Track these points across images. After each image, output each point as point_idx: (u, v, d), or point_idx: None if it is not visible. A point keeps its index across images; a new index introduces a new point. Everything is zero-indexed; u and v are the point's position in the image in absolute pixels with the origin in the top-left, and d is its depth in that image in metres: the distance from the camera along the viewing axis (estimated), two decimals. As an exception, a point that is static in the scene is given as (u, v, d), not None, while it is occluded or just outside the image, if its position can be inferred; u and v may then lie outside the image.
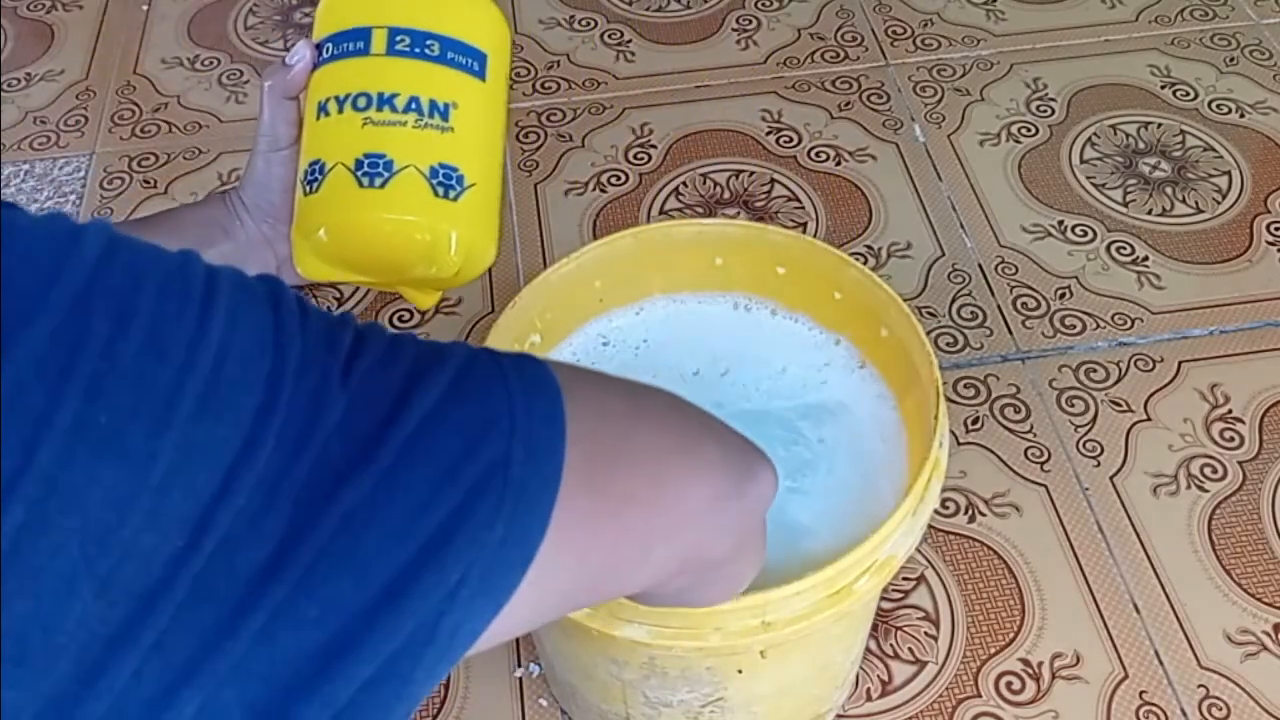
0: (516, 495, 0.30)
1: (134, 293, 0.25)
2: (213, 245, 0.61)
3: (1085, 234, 1.18)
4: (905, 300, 0.73)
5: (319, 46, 0.59)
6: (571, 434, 0.32)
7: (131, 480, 0.24)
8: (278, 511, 0.26)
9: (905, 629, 0.90)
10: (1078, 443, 1.00)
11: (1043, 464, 0.99)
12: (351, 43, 0.57)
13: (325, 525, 0.27)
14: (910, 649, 0.89)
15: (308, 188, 0.57)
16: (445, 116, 0.56)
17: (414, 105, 0.56)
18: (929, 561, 0.93)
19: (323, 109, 0.57)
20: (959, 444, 1.01)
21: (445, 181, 0.56)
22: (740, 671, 0.68)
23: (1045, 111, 1.31)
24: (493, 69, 0.59)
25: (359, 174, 0.55)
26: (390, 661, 0.28)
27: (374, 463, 0.28)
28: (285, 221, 0.61)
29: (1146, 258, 1.15)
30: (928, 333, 1.03)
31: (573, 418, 0.32)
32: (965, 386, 1.05)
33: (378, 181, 0.55)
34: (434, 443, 0.29)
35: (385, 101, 0.55)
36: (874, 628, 0.89)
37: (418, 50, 0.56)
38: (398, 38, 0.56)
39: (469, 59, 0.58)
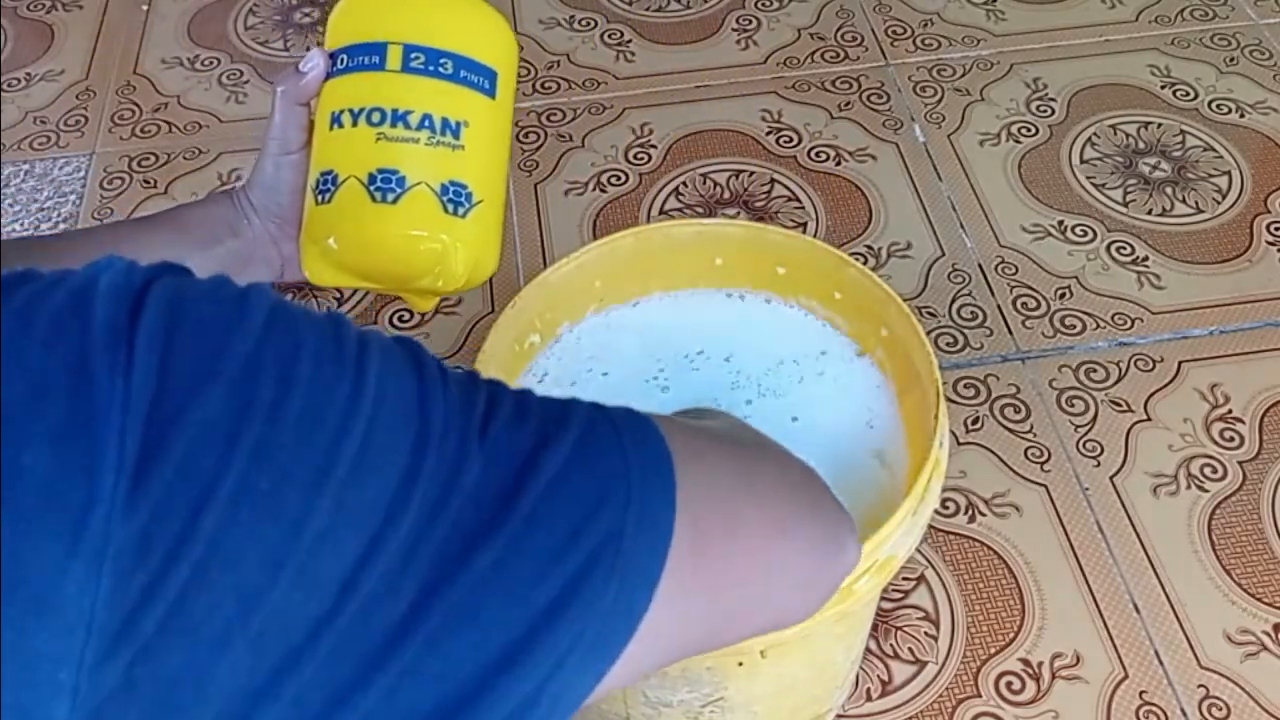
0: (626, 567, 0.31)
1: (294, 359, 0.26)
2: (220, 243, 0.61)
3: (1085, 234, 1.18)
4: (905, 300, 0.73)
5: (333, 56, 0.59)
6: (681, 504, 0.33)
7: (286, 542, 0.25)
8: (414, 573, 0.27)
9: (905, 629, 0.90)
10: (1078, 443, 1.00)
11: (1043, 464, 0.99)
12: (366, 56, 0.58)
13: (455, 587, 0.28)
14: (910, 649, 0.89)
15: (320, 197, 0.58)
16: (457, 135, 0.57)
17: (427, 123, 0.57)
18: (929, 561, 0.93)
19: (336, 120, 0.58)
20: (959, 444, 1.01)
21: (455, 199, 0.57)
22: (741, 665, 0.68)
23: (1045, 111, 1.31)
24: (502, 86, 0.60)
25: (372, 189, 0.56)
26: None
27: (503, 526, 0.29)
28: (292, 223, 0.62)
29: (1146, 258, 1.15)
30: (928, 333, 1.03)
31: (683, 488, 0.33)
32: (965, 386, 1.05)
33: (390, 197, 0.56)
34: (556, 511, 0.30)
35: (399, 118, 0.56)
36: (874, 628, 0.89)
37: (431, 68, 0.57)
38: (412, 55, 0.57)
39: (480, 77, 0.59)
